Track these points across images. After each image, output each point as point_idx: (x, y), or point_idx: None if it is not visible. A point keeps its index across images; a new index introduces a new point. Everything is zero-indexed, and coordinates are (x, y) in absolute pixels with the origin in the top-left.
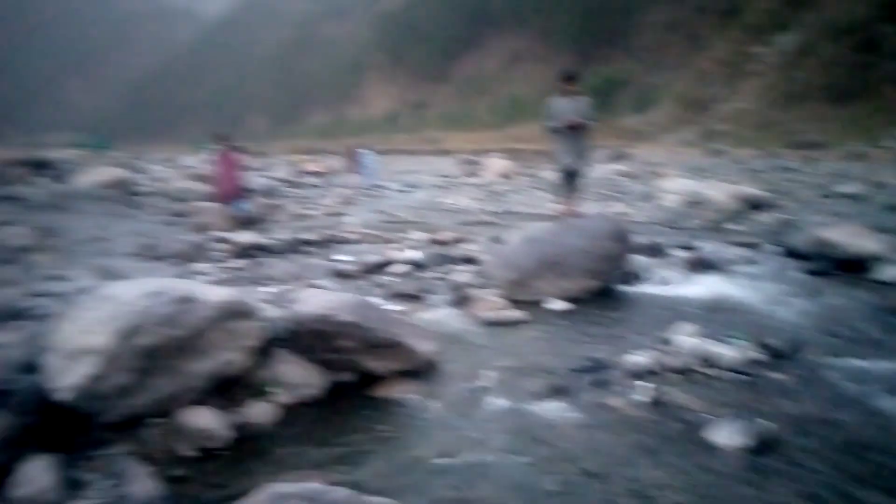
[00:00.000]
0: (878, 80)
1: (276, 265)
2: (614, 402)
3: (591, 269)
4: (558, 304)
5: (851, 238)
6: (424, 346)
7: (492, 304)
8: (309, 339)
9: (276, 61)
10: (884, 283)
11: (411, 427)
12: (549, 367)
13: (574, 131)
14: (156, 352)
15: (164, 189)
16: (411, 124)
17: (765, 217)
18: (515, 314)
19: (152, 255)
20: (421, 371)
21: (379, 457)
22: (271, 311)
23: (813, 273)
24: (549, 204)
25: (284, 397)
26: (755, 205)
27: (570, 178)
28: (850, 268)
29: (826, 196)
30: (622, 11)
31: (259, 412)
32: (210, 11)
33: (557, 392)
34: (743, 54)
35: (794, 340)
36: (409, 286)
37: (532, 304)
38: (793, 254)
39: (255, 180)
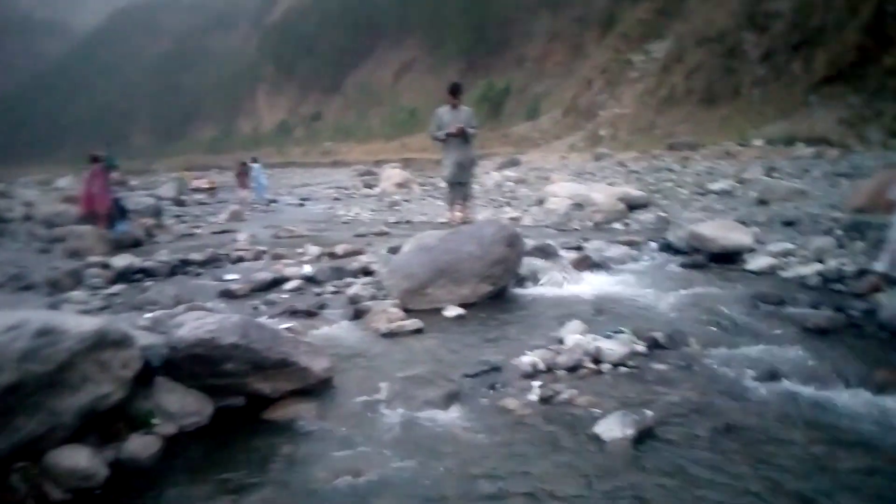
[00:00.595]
0: (744, 84)
1: (159, 288)
2: (509, 403)
3: (485, 273)
4: (454, 311)
5: (723, 232)
6: (318, 364)
7: (389, 315)
8: (191, 364)
9: (159, 75)
10: (753, 273)
11: (305, 449)
12: (446, 374)
13: (459, 140)
14: (17, 389)
15: (35, 214)
16: (305, 136)
17: (645, 216)
18: (412, 323)
19: (19, 285)
20: (315, 389)
21: (270, 483)
22: (150, 338)
23: (690, 266)
24: (444, 212)
25: (167, 428)
26: (636, 204)
27: (460, 186)
28: (723, 260)
29: (700, 193)
30: (507, 22)
31: (139, 446)
32: (83, 24)
33: (453, 398)
34: (622, 62)
35: (673, 331)
36: (302, 302)
37: (429, 313)
38: (671, 249)
39: (136, 200)
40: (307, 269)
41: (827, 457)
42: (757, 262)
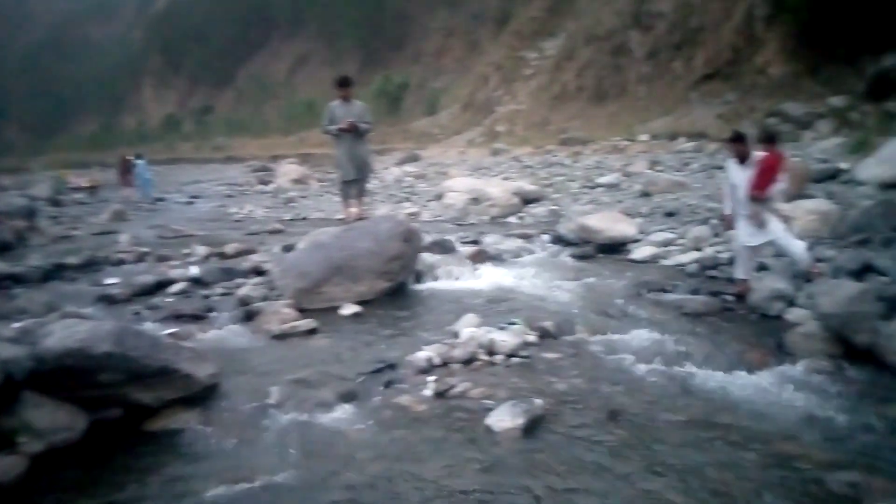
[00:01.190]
0: (630, 81)
1: (29, 296)
2: (403, 400)
3: (381, 270)
4: (350, 309)
5: (610, 223)
6: (203, 370)
7: (281, 315)
8: (61, 376)
9: (32, 66)
10: (637, 262)
11: (188, 460)
12: (340, 374)
13: (353, 135)
14: None
15: None
16: (196, 131)
17: (539, 209)
18: (306, 324)
19: None
20: (200, 397)
21: (147, 499)
22: (11, 350)
23: (579, 257)
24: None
25: (34, 446)
26: (530, 198)
27: (354, 182)
28: (610, 250)
29: (589, 187)
30: (403, 17)
31: (5, 466)
32: None
33: (347, 398)
34: (516, 59)
35: (563, 321)
36: (188, 306)
37: (324, 312)
38: (562, 241)
39: (6, 200)
40: (194, 271)
41: (703, 434)
42: (641, 252)
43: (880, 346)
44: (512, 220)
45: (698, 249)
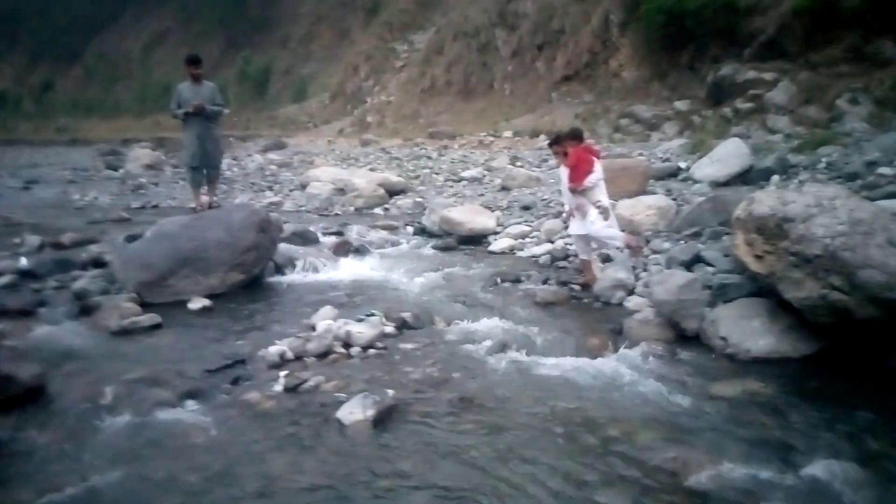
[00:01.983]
0: (497, 78)
1: None
2: (251, 396)
3: (234, 262)
4: (200, 303)
5: (471, 216)
6: (25, 371)
7: (122, 310)
8: None
9: None
10: (495, 253)
11: (7, 468)
12: (184, 372)
13: (202, 119)
14: None
15: None
16: (36, 111)
17: (404, 201)
18: (149, 319)
19: None
20: (23, 400)
21: None
22: None
23: (442, 249)
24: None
25: None
26: (396, 190)
27: (203, 169)
28: (471, 242)
29: (454, 180)
30: (269, 0)
31: None
32: None
33: (190, 396)
34: (387, 50)
35: (421, 311)
36: (16, 300)
37: (171, 306)
38: (426, 233)
39: None
40: (23, 262)
41: (546, 418)
42: (499, 244)
43: (706, 331)
44: (377, 211)
45: (551, 242)
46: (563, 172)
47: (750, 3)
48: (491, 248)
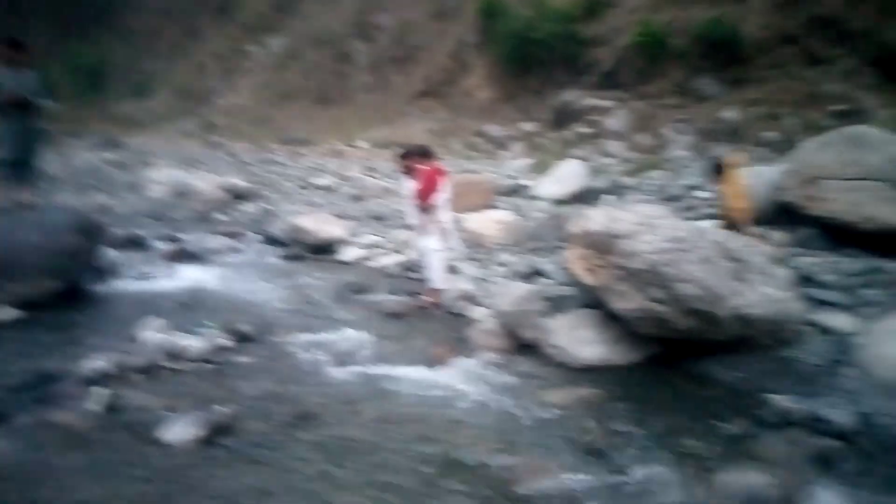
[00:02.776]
0: (354, 89)
1: None
2: (63, 417)
3: (50, 267)
4: (8, 313)
5: (321, 225)
6: None
7: None
8: None
9: None
10: (345, 263)
11: None
12: None
13: (20, 109)
14: None
15: None
16: None
17: (249, 207)
18: None
19: None
20: None
21: None
22: None
23: (289, 258)
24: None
25: None
26: (242, 195)
27: (19, 164)
28: (320, 251)
29: (304, 187)
30: None
31: None
32: None
33: None
34: (239, 51)
35: (263, 323)
36: None
37: None
38: (273, 241)
39: None
40: None
41: (388, 431)
42: (349, 254)
43: (542, 340)
44: (220, 216)
45: (400, 252)
46: (406, 186)
47: (591, 36)
48: (341, 258)
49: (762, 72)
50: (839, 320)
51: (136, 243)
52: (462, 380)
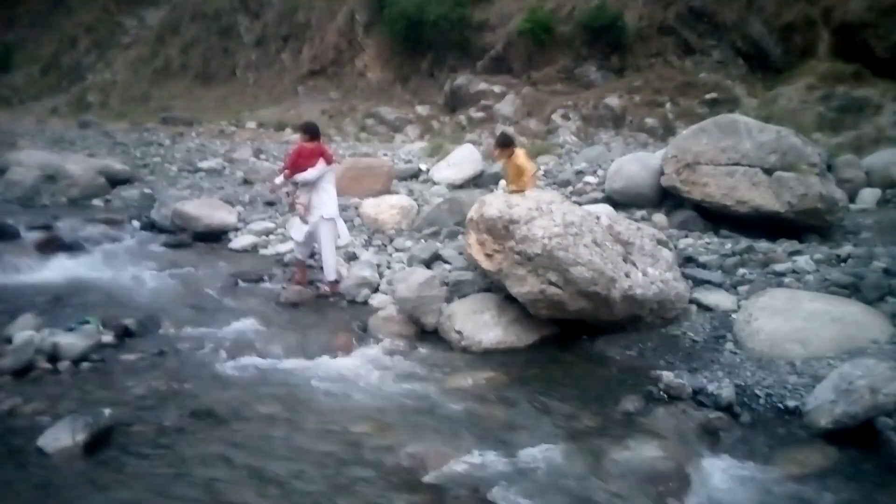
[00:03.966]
0: (240, 66)
1: None
2: None
3: None
4: None
5: (208, 210)
6: None
7: None
8: None
9: None
10: (236, 251)
11: None
12: None
13: None
14: None
15: None
16: None
17: (129, 192)
18: None
19: None
20: None
21: None
22: None
23: (174, 246)
24: None
25: None
26: (121, 179)
27: None
28: (208, 238)
29: (190, 171)
30: None
31: None
32: None
33: None
34: (112, 23)
35: (147, 317)
36: None
37: None
38: (155, 228)
39: None
40: None
41: (287, 425)
42: (240, 241)
43: (443, 325)
44: (96, 202)
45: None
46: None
47: (481, 20)
48: (231, 245)
49: (642, 60)
50: (718, 298)
51: (2, 232)
52: (364, 368)
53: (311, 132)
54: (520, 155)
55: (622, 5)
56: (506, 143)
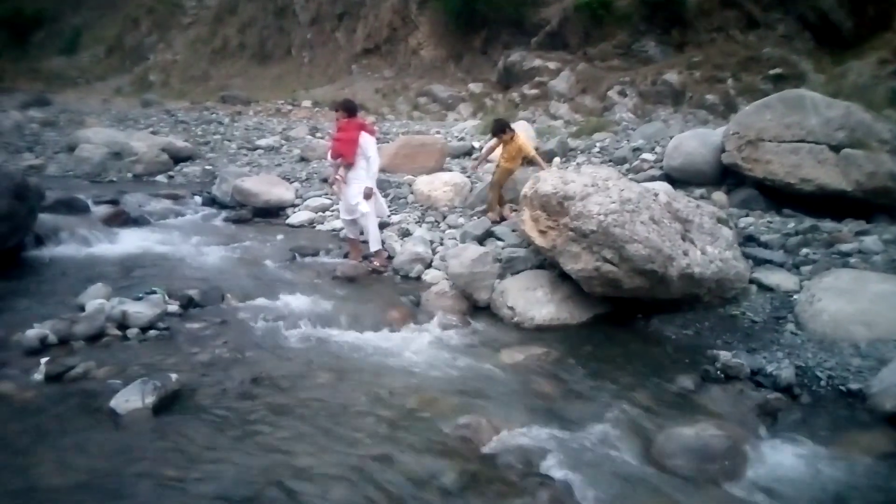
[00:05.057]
0: (295, 45)
1: None
2: (5, 387)
3: None
4: None
5: (267, 187)
6: None
7: None
8: None
9: None
10: (294, 226)
11: None
12: None
13: None
14: None
15: None
16: None
17: (191, 168)
18: None
19: None
20: None
21: None
22: None
23: (234, 221)
24: None
25: None
26: (183, 156)
27: None
28: (267, 214)
29: (248, 148)
30: None
31: None
32: None
33: None
34: (172, 5)
35: (210, 288)
36: None
37: None
38: (216, 203)
39: None
40: None
41: (344, 395)
42: (297, 217)
43: (496, 301)
44: (160, 178)
45: None
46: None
47: None
48: (289, 220)
49: (703, 35)
50: (779, 278)
51: (73, 206)
52: (417, 342)
53: (349, 108)
54: (519, 137)
55: None
56: (501, 129)
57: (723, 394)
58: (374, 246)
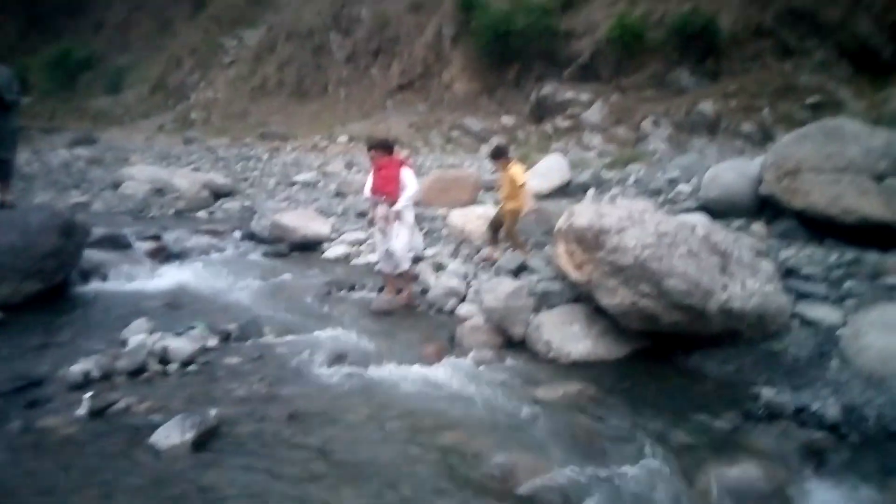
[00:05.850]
0: (331, 82)
1: None
2: (49, 422)
3: (29, 269)
4: None
5: (304, 221)
6: None
7: None
8: None
9: None
10: (330, 260)
11: None
12: None
13: None
14: None
15: None
16: None
17: (231, 204)
18: None
19: None
20: None
21: None
22: None
23: (272, 256)
24: None
25: None
26: (222, 192)
27: None
28: (304, 248)
29: (287, 184)
30: None
31: None
32: None
33: None
34: (214, 45)
35: (248, 322)
36: None
37: None
38: (255, 238)
39: None
40: None
41: (379, 430)
42: (334, 251)
43: (531, 336)
44: (201, 214)
45: None
46: (371, 177)
47: (568, 29)
48: (325, 255)
49: (738, 64)
50: (823, 312)
51: (117, 243)
52: (453, 377)
53: (387, 147)
54: (513, 166)
55: (716, 8)
56: (498, 155)
57: (766, 433)
58: (400, 266)
